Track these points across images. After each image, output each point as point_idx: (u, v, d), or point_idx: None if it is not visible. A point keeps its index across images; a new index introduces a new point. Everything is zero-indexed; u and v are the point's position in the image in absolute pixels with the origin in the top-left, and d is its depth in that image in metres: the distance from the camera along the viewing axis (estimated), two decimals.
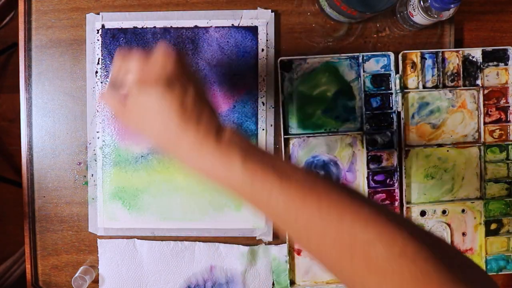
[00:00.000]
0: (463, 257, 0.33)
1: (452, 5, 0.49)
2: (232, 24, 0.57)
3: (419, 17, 0.52)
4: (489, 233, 0.58)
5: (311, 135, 0.57)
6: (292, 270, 0.58)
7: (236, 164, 0.34)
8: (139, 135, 0.39)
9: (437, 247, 0.31)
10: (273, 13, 0.57)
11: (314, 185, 0.34)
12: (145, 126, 0.38)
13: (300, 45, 0.58)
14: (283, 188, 0.33)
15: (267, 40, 0.57)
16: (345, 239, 0.31)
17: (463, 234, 0.58)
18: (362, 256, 0.31)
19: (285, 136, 0.57)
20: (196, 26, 0.57)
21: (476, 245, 0.58)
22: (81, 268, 0.59)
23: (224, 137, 0.36)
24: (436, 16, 0.51)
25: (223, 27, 0.57)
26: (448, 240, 0.58)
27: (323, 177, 0.35)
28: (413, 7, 0.53)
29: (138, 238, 0.59)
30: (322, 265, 0.34)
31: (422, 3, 0.51)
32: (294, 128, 0.57)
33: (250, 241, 0.59)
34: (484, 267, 0.58)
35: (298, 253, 0.58)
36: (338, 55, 0.56)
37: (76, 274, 0.57)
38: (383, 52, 0.56)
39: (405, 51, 0.56)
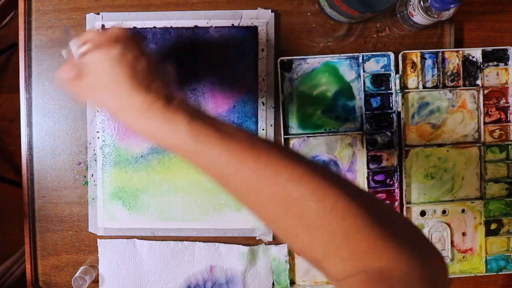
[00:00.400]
0: (398, 216, 0.34)
1: (452, 5, 0.49)
2: (232, 24, 0.57)
3: (419, 17, 0.52)
4: (489, 233, 0.58)
5: (311, 135, 0.57)
6: (292, 270, 0.58)
7: (181, 125, 0.36)
8: (91, 98, 0.41)
9: (370, 205, 0.32)
10: (273, 13, 0.57)
11: (255, 144, 0.35)
12: (97, 89, 0.39)
13: (300, 45, 0.58)
14: (224, 146, 0.35)
15: (267, 40, 0.57)
16: (280, 195, 0.33)
17: (463, 234, 0.58)
18: (295, 212, 0.32)
19: (285, 136, 0.57)
20: (196, 26, 0.57)
21: (476, 245, 0.58)
22: (81, 268, 0.59)
23: (173, 103, 0.38)
24: (436, 16, 0.51)
25: (223, 27, 0.57)
26: (448, 240, 0.58)
27: (265, 139, 0.37)
28: (413, 7, 0.53)
29: (138, 238, 0.59)
30: (261, 220, 0.36)
31: (422, 3, 0.51)
32: (294, 128, 0.57)
33: (250, 241, 0.59)
34: (484, 267, 0.58)
35: None
36: (338, 55, 0.56)
37: (76, 274, 0.57)
38: (383, 52, 0.56)
39: (405, 51, 0.56)
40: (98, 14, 0.57)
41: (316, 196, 0.32)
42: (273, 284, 0.59)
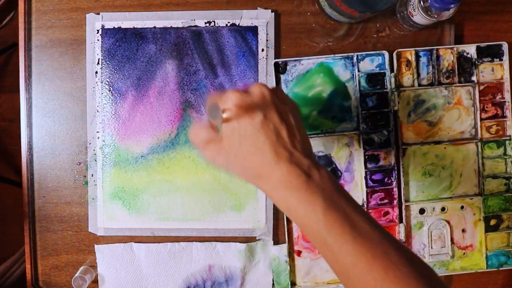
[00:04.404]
0: None
1: (452, 5, 0.49)
2: (232, 24, 0.57)
3: (419, 17, 0.52)
4: (488, 229, 0.58)
5: (308, 136, 0.57)
6: (292, 271, 0.58)
7: (317, 210, 0.35)
8: (230, 164, 0.39)
9: None
10: (273, 13, 0.57)
11: (387, 252, 0.34)
12: (238, 156, 0.38)
13: (300, 45, 0.58)
14: (355, 247, 0.34)
15: (267, 40, 0.57)
16: None
17: (463, 230, 0.58)
18: None
19: None
20: (196, 26, 0.57)
21: (476, 242, 0.58)
22: (81, 268, 0.59)
23: (314, 179, 0.36)
24: (436, 16, 0.51)
25: (223, 27, 0.57)
26: (448, 237, 0.58)
27: (398, 244, 0.35)
28: (413, 7, 0.53)
29: (138, 238, 0.59)
30: None
31: (422, 3, 0.51)
32: None
33: (250, 241, 0.59)
34: (485, 263, 0.58)
35: (298, 254, 0.58)
36: (332, 55, 0.57)
37: (76, 274, 0.57)
38: (378, 51, 0.56)
39: (400, 50, 0.56)
40: (98, 14, 0.57)
41: None
42: (273, 284, 0.59)
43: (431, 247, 0.58)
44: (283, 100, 0.40)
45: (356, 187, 0.58)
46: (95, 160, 0.58)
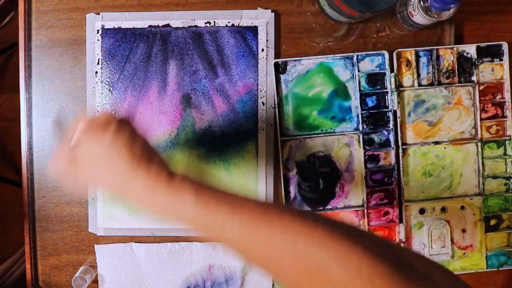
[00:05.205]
0: (427, 263, 0.32)
1: (452, 5, 0.49)
2: (232, 24, 0.57)
3: (419, 17, 0.52)
4: (488, 229, 0.58)
5: (308, 136, 0.57)
6: None
7: (188, 199, 0.35)
8: (92, 184, 0.41)
9: (396, 259, 0.31)
10: (273, 13, 0.57)
11: (266, 211, 0.34)
12: (97, 174, 0.39)
13: (300, 45, 0.58)
14: (235, 218, 0.34)
15: (267, 40, 0.57)
16: (301, 262, 0.31)
17: (463, 230, 0.58)
18: (319, 279, 0.31)
19: (281, 138, 0.57)
20: (196, 26, 0.57)
21: (476, 242, 0.58)
22: (81, 268, 0.59)
23: (175, 178, 0.37)
24: (436, 16, 0.51)
25: (223, 27, 0.57)
26: (448, 237, 0.58)
27: (274, 204, 0.35)
28: (413, 7, 0.53)
29: (138, 238, 0.59)
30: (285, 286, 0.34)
31: (422, 3, 0.51)
32: (290, 129, 0.57)
33: None
34: (485, 263, 0.58)
35: None
36: (332, 55, 0.57)
37: (76, 274, 0.57)
38: (378, 51, 0.56)
39: (400, 50, 0.56)
40: (98, 14, 0.57)
41: (338, 260, 0.30)
42: (273, 284, 0.59)
43: (431, 247, 0.58)
44: (132, 126, 0.41)
45: (356, 187, 0.58)
46: None
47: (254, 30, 0.57)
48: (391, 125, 0.57)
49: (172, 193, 0.36)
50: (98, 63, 0.58)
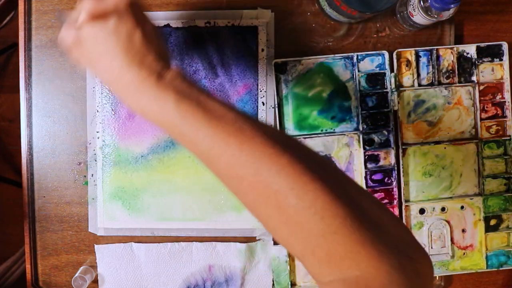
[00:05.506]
0: (387, 216, 0.32)
1: (452, 5, 0.49)
2: (232, 24, 0.57)
3: (419, 17, 0.52)
4: (488, 229, 0.58)
5: (308, 136, 0.57)
6: (292, 271, 0.58)
7: (169, 104, 0.35)
8: (89, 69, 0.41)
9: (355, 203, 0.30)
10: (273, 13, 0.57)
11: (241, 129, 0.34)
12: (93, 60, 0.39)
13: (300, 45, 0.58)
14: (209, 129, 0.34)
15: (267, 40, 0.57)
16: (260, 185, 0.32)
17: (463, 230, 0.58)
18: (275, 205, 0.31)
19: None
20: (196, 26, 0.57)
21: (476, 242, 0.58)
22: (81, 268, 0.59)
23: (165, 78, 0.37)
24: (436, 16, 0.51)
25: (223, 27, 0.57)
26: (448, 237, 0.58)
27: (254, 121, 0.35)
28: (413, 7, 0.53)
29: (138, 238, 0.59)
30: (244, 206, 0.35)
31: (422, 3, 0.51)
32: (290, 129, 0.57)
33: (250, 241, 0.59)
34: (485, 264, 0.58)
35: None
36: (332, 55, 0.57)
37: (76, 274, 0.57)
38: (378, 51, 0.56)
39: (400, 50, 0.56)
40: None
41: (296, 191, 0.30)
42: (273, 284, 0.59)
43: (431, 247, 0.58)
44: (142, 11, 0.41)
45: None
46: (95, 160, 0.58)
47: (254, 30, 0.57)
48: (391, 125, 0.57)
49: (156, 95, 0.36)
50: None
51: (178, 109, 0.35)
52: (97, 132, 0.58)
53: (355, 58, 0.56)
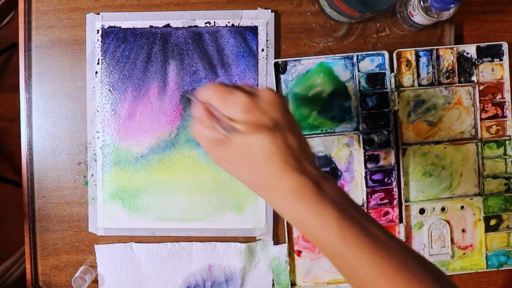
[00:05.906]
0: None
1: (452, 5, 0.49)
2: (232, 24, 0.57)
3: (419, 17, 0.52)
4: (488, 229, 0.58)
5: (308, 136, 0.57)
6: (292, 271, 0.58)
7: (330, 221, 0.34)
8: (231, 173, 0.38)
9: None
10: (273, 13, 0.57)
11: (408, 265, 0.32)
12: (245, 166, 0.37)
13: (300, 45, 0.58)
14: (372, 258, 0.32)
15: (267, 40, 0.57)
16: None
17: (463, 230, 0.58)
18: None
19: None
20: (196, 26, 0.57)
21: (476, 242, 0.58)
22: (81, 268, 0.59)
23: (326, 190, 0.35)
24: (436, 16, 0.51)
25: (223, 27, 0.57)
26: (448, 237, 0.58)
27: (416, 256, 0.34)
28: (413, 7, 0.53)
29: (138, 238, 0.59)
30: None
31: (422, 3, 0.51)
32: None
33: (250, 241, 0.59)
34: (485, 263, 0.58)
35: (298, 254, 0.58)
36: (332, 55, 0.57)
37: (76, 274, 0.57)
38: (378, 51, 0.56)
39: (400, 50, 0.56)
40: (98, 14, 0.57)
41: None
42: (273, 284, 0.59)
43: (431, 247, 0.58)
44: (288, 109, 0.39)
45: (356, 187, 0.58)
46: (95, 160, 0.58)
47: (254, 30, 0.57)
48: (391, 125, 0.57)
49: (317, 210, 0.34)
50: (98, 63, 0.58)
51: (341, 232, 0.33)
52: (97, 132, 0.58)
53: (355, 58, 0.56)
